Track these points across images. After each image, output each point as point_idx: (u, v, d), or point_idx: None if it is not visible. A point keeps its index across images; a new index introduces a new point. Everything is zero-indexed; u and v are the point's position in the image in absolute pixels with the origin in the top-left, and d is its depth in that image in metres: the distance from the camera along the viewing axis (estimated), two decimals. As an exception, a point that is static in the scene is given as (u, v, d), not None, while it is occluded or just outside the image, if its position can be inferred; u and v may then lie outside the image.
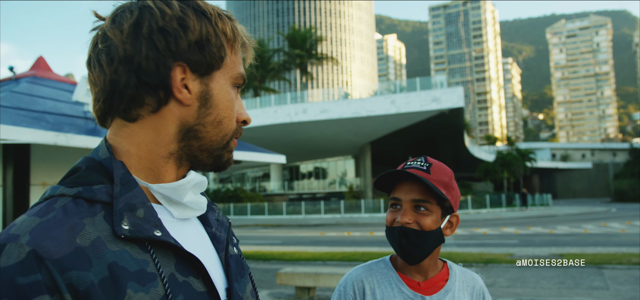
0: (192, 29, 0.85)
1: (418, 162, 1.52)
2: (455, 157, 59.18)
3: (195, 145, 0.88)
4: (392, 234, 1.50)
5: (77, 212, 0.74)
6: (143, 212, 0.80)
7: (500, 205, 45.12)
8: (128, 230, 0.75)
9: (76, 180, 0.80)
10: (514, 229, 23.35)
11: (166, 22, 0.83)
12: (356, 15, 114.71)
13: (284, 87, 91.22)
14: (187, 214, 0.90)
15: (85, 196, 0.77)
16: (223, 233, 0.99)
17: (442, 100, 36.85)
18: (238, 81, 0.93)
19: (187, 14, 0.85)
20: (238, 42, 0.93)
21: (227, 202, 47.79)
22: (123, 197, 0.79)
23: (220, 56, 0.88)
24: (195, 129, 0.87)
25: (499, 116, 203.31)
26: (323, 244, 18.59)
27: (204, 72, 0.87)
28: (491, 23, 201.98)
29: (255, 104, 45.57)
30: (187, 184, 0.88)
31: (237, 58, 0.93)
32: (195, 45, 0.85)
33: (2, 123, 5.17)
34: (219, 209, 1.07)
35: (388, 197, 1.59)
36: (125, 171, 0.83)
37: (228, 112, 0.90)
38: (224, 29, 0.89)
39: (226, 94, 0.90)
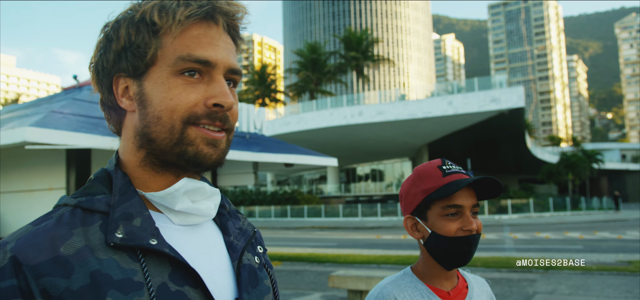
0: (116, 38, 0.86)
1: (454, 167, 1.50)
2: (516, 158, 57.43)
3: (154, 148, 0.86)
4: (461, 243, 1.43)
5: (69, 222, 0.78)
6: (140, 221, 0.81)
7: (565, 208, 43.37)
8: (120, 239, 0.77)
9: (84, 191, 0.85)
10: (578, 233, 22.38)
11: (101, 45, 0.89)
12: (413, 15, 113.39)
13: (340, 89, 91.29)
14: (189, 220, 0.89)
15: (84, 206, 0.81)
16: (241, 242, 0.96)
17: (501, 100, 35.85)
18: (184, 65, 0.84)
19: (120, 24, 0.87)
20: (177, 21, 0.84)
21: (284, 204, 48.29)
22: (120, 207, 0.82)
23: (144, 52, 0.84)
24: (144, 132, 0.86)
25: (564, 116, 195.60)
26: (378, 247, 18.46)
27: (138, 73, 0.86)
28: (554, 19, 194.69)
29: (311, 106, 45.87)
30: (175, 191, 0.86)
31: (184, 41, 0.85)
32: (122, 52, 0.85)
33: (64, 129, 5.44)
34: (245, 218, 1.06)
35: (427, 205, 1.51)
36: (126, 181, 0.86)
37: (165, 104, 0.83)
38: (152, 18, 0.84)
39: (161, 86, 0.84)
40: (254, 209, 48.75)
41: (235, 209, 1.06)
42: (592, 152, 64.61)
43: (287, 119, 45.91)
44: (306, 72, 58.25)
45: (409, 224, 1.56)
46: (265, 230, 31.54)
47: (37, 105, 7.57)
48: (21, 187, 6.66)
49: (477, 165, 47.86)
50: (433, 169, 1.50)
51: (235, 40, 0.95)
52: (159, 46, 0.85)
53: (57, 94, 8.41)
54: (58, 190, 6.32)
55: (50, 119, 5.70)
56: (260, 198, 52.95)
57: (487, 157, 54.89)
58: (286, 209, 46.24)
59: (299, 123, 44.31)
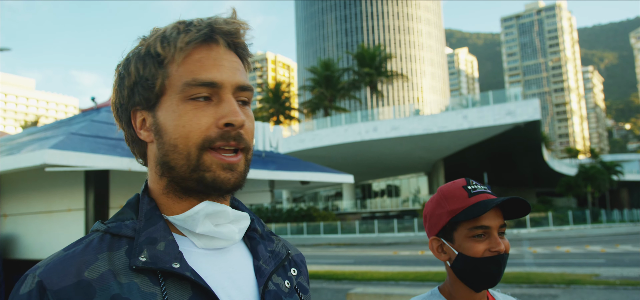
0: (128, 74, 0.90)
1: (480, 187, 1.48)
2: (533, 171, 56.87)
3: (175, 176, 0.87)
4: (489, 264, 1.40)
5: (97, 247, 0.81)
6: (164, 245, 0.83)
7: (585, 221, 42.75)
8: (143, 262, 0.79)
9: (116, 217, 0.89)
10: (600, 247, 22.00)
11: (117, 81, 0.93)
12: (425, 30, 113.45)
13: (354, 105, 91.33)
14: (213, 244, 0.89)
15: (112, 231, 0.84)
16: (270, 266, 0.94)
17: (516, 113, 35.59)
18: (191, 91, 0.85)
19: (126, 61, 0.92)
20: (178, 48, 0.86)
21: (301, 221, 48.27)
22: (145, 231, 0.84)
23: (152, 84, 0.87)
24: (163, 161, 0.88)
25: (581, 128, 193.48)
26: (396, 264, 18.30)
27: (150, 105, 0.89)
28: (568, 31, 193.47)
29: (325, 123, 45.93)
30: (194, 214, 0.87)
31: (188, 67, 0.86)
32: (134, 87, 0.89)
33: (82, 151, 5.49)
34: (280, 240, 1.04)
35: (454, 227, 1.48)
36: (152, 207, 0.89)
37: (179, 132, 0.85)
38: (155, 50, 0.87)
39: (172, 114, 0.86)
40: (270, 227, 48.53)
41: (269, 231, 1.04)
42: (611, 163, 63.68)
43: (302, 136, 46.00)
44: (320, 89, 58.43)
45: (435, 245, 1.53)
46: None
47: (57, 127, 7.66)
48: (41, 209, 6.72)
49: (493, 178, 47.45)
50: (458, 190, 1.48)
51: (242, 57, 0.95)
52: (166, 76, 0.87)
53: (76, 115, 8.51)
54: (77, 211, 6.36)
55: (69, 141, 5.76)
56: (276, 215, 52.99)
57: (504, 170, 54.40)
58: (302, 226, 46.20)
59: (313, 140, 44.36)
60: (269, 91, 66.58)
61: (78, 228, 6.17)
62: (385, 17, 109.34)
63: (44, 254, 6.43)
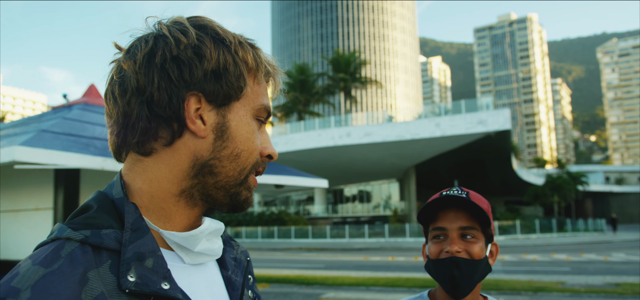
0: (209, 57, 0.80)
1: (455, 191, 1.46)
2: (502, 180, 57.81)
3: (210, 182, 0.82)
4: (441, 266, 1.40)
5: (83, 262, 0.69)
6: (152, 262, 0.74)
7: (551, 230, 43.63)
8: (133, 283, 0.70)
9: (85, 222, 0.75)
10: (565, 255, 22.48)
11: (180, 51, 0.79)
12: (400, 38, 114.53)
13: (328, 110, 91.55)
14: (200, 259, 0.84)
15: (92, 242, 0.71)
16: (239, 276, 0.92)
17: (488, 122, 36.17)
18: (261, 113, 0.87)
19: (204, 42, 0.81)
20: (261, 71, 0.87)
21: (271, 225, 48.03)
22: (132, 245, 0.73)
23: (239, 86, 0.83)
24: (210, 164, 0.81)
25: (549, 138, 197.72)
26: (367, 269, 18.37)
27: (221, 102, 0.82)
28: (538, 43, 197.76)
29: (299, 127, 45.90)
30: (200, 233, 0.82)
31: (260, 89, 0.87)
32: (211, 74, 0.80)
33: (54, 149, 5.37)
34: (239, 246, 1.01)
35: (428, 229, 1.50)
36: (138, 216, 0.77)
37: (247, 145, 0.84)
38: (245, 57, 0.84)
39: (245, 125, 0.84)
40: (241, 230, 48.43)
41: (228, 235, 1.00)
42: (577, 174, 65.22)
43: (275, 140, 45.86)
44: (294, 93, 58.38)
45: (423, 250, 1.55)
46: (252, 252, 31.27)
47: (26, 124, 7.48)
48: (7, 207, 6.55)
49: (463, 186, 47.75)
50: (435, 194, 1.49)
51: None
52: (246, 84, 0.85)
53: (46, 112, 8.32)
54: (45, 211, 6.22)
55: (40, 138, 5.63)
56: (247, 219, 52.61)
57: (474, 178, 55.18)
58: (273, 230, 45.97)
59: (286, 144, 44.28)
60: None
61: (46, 228, 6.03)
62: (360, 24, 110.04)
63: (9, 254, 6.26)
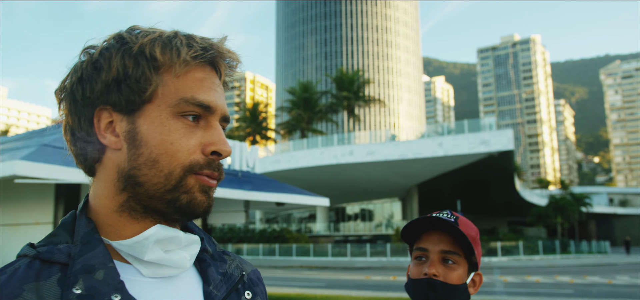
0: (107, 68, 0.78)
1: (445, 214, 1.46)
2: (505, 200, 57.58)
3: (140, 192, 0.78)
4: (418, 286, 1.40)
5: (22, 276, 0.70)
6: (102, 274, 0.73)
7: (554, 251, 43.33)
8: (77, 296, 0.69)
9: (48, 239, 0.77)
10: (569, 277, 22.30)
11: (83, 70, 0.80)
12: (404, 58, 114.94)
13: (331, 128, 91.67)
14: (162, 272, 0.80)
15: (42, 257, 0.73)
16: (222, 291, 0.86)
17: (491, 142, 36.13)
18: (185, 108, 0.79)
19: (104, 54, 0.79)
20: (180, 62, 0.79)
21: (273, 243, 47.87)
22: (81, 258, 0.73)
23: (142, 88, 0.78)
24: (131, 174, 0.78)
25: (552, 159, 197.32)
26: (368, 288, 18.24)
27: (130, 109, 0.79)
28: (542, 64, 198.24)
29: (302, 145, 45.94)
30: (144, 240, 0.78)
31: (182, 81, 0.80)
32: (113, 83, 0.78)
33: (54, 164, 5.37)
34: (234, 260, 0.96)
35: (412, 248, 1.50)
36: (90, 229, 0.77)
37: (164, 148, 0.77)
38: (153, 54, 0.78)
39: (159, 126, 0.78)
40: (242, 247, 48.27)
41: (221, 250, 0.96)
42: (581, 195, 64.94)
43: (278, 157, 45.88)
44: (298, 111, 58.53)
45: (408, 269, 1.55)
46: (253, 269, 31.08)
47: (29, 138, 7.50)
48: (7, 221, 6.54)
49: (467, 207, 47.89)
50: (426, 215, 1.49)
51: (225, 87, 0.92)
52: (160, 83, 0.79)
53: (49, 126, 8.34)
54: (45, 225, 6.20)
55: (41, 152, 5.63)
56: (248, 236, 52.49)
57: (477, 198, 54.99)
58: (274, 247, 45.81)
59: (289, 161, 44.28)
60: (247, 110, 66.43)
61: (46, 242, 6.00)
62: (364, 43, 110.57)
63: (9, 268, 6.23)
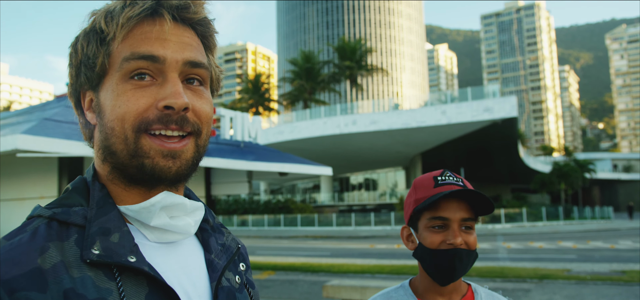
0: (75, 53, 0.84)
1: (452, 178, 1.44)
2: (509, 168, 57.63)
3: (116, 162, 0.81)
4: (443, 256, 1.38)
5: (45, 235, 0.73)
6: (118, 237, 0.76)
7: (558, 218, 43.49)
8: (96, 256, 0.72)
9: (60, 202, 0.80)
10: (572, 243, 22.42)
11: (68, 59, 0.88)
12: (406, 25, 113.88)
13: (334, 98, 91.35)
14: (167, 237, 0.83)
15: (59, 218, 0.76)
16: (222, 260, 0.90)
17: (494, 110, 35.99)
18: (129, 67, 0.79)
19: (76, 39, 0.86)
20: (119, 26, 0.80)
21: (278, 213, 48.17)
22: (97, 221, 0.77)
23: (93, 63, 0.81)
24: (105, 145, 0.81)
25: (556, 126, 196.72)
26: (372, 257, 18.40)
27: (94, 85, 0.83)
28: (546, 30, 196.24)
29: (305, 115, 45.85)
30: (151, 206, 0.81)
31: (128, 42, 0.80)
32: (80, 66, 0.83)
33: (56, 137, 5.37)
34: (229, 233, 1.00)
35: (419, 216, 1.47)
36: (104, 194, 0.81)
37: (116, 113, 0.78)
38: (100, 26, 0.81)
39: (110, 94, 0.80)
40: (247, 218, 48.62)
41: (219, 222, 1.01)
42: (584, 161, 64.89)
43: (281, 128, 45.87)
44: (300, 81, 58.27)
45: (405, 234, 1.53)
46: (258, 240, 31.41)
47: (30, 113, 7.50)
48: (12, 196, 6.58)
49: (470, 174, 47.96)
50: (428, 179, 1.47)
51: (203, 35, 0.89)
52: (108, 54, 0.81)
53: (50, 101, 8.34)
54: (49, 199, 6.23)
55: (43, 126, 5.63)
56: (253, 207, 52.80)
57: (481, 166, 55.02)
58: (279, 218, 46.12)
59: (292, 132, 44.28)
60: (249, 82, 66.22)
61: (50, 216, 6.04)
62: (366, 11, 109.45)
63: (15, 241, 6.28)
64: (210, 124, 0.87)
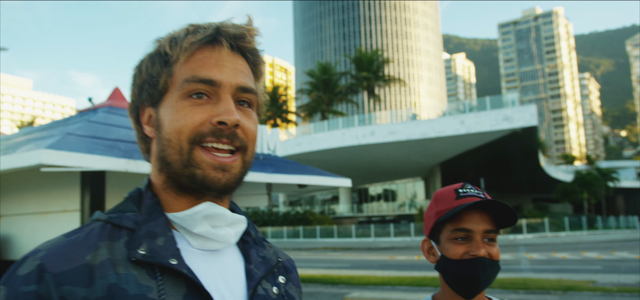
0: (139, 73, 0.95)
1: (473, 190, 1.43)
2: (529, 177, 56.91)
3: (171, 171, 0.89)
4: (466, 267, 1.37)
5: (98, 235, 0.84)
6: (163, 241, 0.85)
7: (581, 228, 42.79)
8: (142, 255, 0.81)
9: (117, 208, 0.91)
10: (596, 253, 22.00)
11: (131, 79, 0.99)
12: (423, 35, 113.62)
13: (352, 109, 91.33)
14: (209, 245, 0.91)
15: (113, 222, 0.87)
16: (261, 271, 0.96)
17: (513, 119, 35.63)
18: (189, 88, 0.89)
19: (140, 61, 0.97)
20: (183, 49, 0.90)
21: (297, 225, 48.14)
22: (146, 225, 0.87)
23: (156, 81, 0.91)
24: (161, 156, 0.90)
25: (577, 134, 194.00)
26: (392, 268, 18.26)
27: (155, 101, 0.93)
28: (565, 37, 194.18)
29: (322, 127, 45.88)
30: (194, 214, 0.89)
31: (189, 65, 0.90)
32: (143, 85, 0.94)
33: (79, 151, 5.43)
34: (272, 247, 1.06)
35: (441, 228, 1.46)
36: (154, 202, 0.91)
37: (174, 126, 0.88)
38: (163, 50, 0.92)
39: (171, 109, 0.89)
40: (266, 230, 48.64)
41: (262, 236, 1.06)
42: (607, 170, 63.84)
43: (299, 140, 45.94)
44: (318, 93, 58.39)
45: (426, 247, 1.52)
46: (277, 252, 31.33)
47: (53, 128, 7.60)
48: (36, 209, 6.66)
49: (490, 184, 47.47)
50: (449, 192, 1.47)
51: (252, 62, 0.98)
52: (170, 74, 0.91)
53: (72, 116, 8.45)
54: (72, 213, 6.30)
55: (66, 141, 5.70)
56: (272, 219, 52.86)
57: (500, 176, 54.44)
58: (299, 229, 46.08)
59: (310, 143, 44.31)
60: (267, 94, 66.33)
61: (73, 229, 6.09)
62: (383, 22, 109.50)
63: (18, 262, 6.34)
64: (255, 142, 0.95)
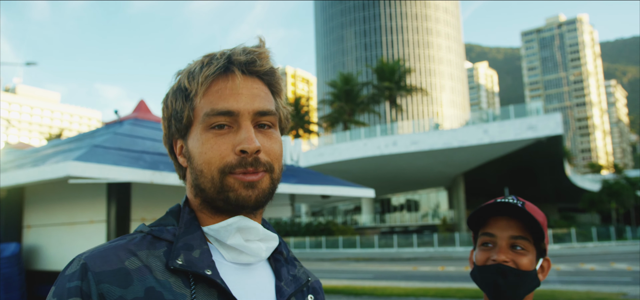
0: (166, 107, 1.01)
1: (510, 199, 1.41)
2: (555, 187, 55.99)
3: (206, 197, 0.96)
4: (486, 273, 1.36)
5: (139, 244, 0.91)
6: (199, 253, 0.91)
7: (609, 238, 41.88)
8: (179, 265, 0.88)
9: (159, 221, 0.99)
10: (626, 265, 21.49)
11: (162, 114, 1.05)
12: (445, 45, 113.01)
13: (374, 119, 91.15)
14: (241, 259, 0.96)
15: (154, 234, 0.94)
16: (291, 288, 1.00)
17: (538, 127, 35.13)
18: (211, 121, 0.94)
19: (166, 96, 1.03)
20: (199, 84, 0.95)
21: (319, 236, 48.07)
22: (184, 238, 0.93)
23: (180, 116, 0.98)
24: (196, 184, 0.96)
25: (603, 142, 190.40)
26: (416, 279, 18.09)
27: (183, 134, 0.99)
28: (590, 45, 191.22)
29: (345, 137, 45.85)
30: (227, 226, 0.95)
31: (208, 98, 0.95)
32: (170, 119, 1.00)
33: (105, 163, 5.51)
34: (302, 267, 1.10)
35: (477, 235, 1.47)
36: (192, 217, 0.98)
37: (203, 158, 0.94)
38: (184, 84, 0.98)
39: (197, 142, 0.95)
40: (289, 240, 48.67)
41: (293, 256, 1.10)
42: (636, 179, 62.37)
43: (321, 150, 45.97)
44: (340, 103, 58.43)
45: (470, 256, 1.52)
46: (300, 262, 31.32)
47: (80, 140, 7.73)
48: (63, 220, 6.76)
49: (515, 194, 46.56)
50: (492, 200, 1.44)
51: (268, 82, 1.02)
52: (192, 108, 0.96)
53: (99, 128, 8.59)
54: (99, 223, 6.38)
55: (93, 153, 5.79)
56: (295, 229, 52.90)
57: (525, 185, 53.67)
58: (321, 240, 46.00)
59: (332, 154, 44.30)
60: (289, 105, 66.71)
61: (100, 240, 6.18)
62: (404, 32, 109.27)
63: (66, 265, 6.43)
64: (280, 159, 1.00)
